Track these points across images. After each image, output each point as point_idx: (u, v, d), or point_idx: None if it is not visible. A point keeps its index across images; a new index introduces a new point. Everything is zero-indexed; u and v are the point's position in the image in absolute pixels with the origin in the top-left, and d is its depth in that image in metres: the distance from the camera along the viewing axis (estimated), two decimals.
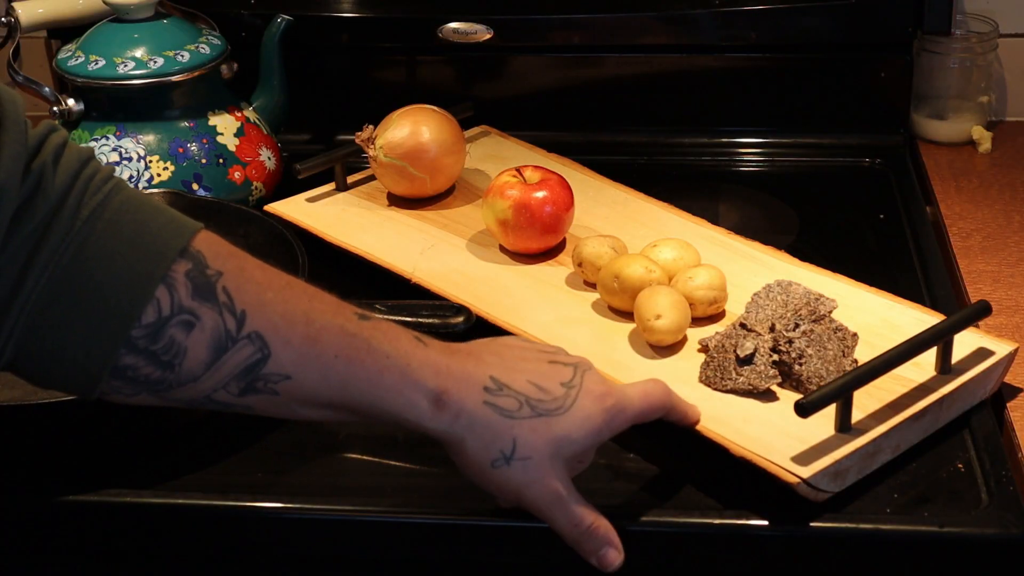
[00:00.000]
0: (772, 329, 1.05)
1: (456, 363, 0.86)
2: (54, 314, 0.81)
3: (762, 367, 1.02)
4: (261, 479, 1.01)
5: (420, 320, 1.05)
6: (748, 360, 1.02)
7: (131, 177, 1.31)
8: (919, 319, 1.10)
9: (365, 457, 1.05)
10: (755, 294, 1.11)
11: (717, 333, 1.07)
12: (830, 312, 1.07)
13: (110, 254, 0.81)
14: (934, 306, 1.16)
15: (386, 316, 1.06)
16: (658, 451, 1.02)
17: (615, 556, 0.89)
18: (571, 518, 0.88)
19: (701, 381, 1.04)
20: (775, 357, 1.03)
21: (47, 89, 1.34)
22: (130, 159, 1.31)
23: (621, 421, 0.90)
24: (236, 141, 1.34)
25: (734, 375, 1.02)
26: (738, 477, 0.97)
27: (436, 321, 1.05)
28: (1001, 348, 1.06)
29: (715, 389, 1.03)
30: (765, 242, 1.23)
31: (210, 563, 1.02)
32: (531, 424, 0.85)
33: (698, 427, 0.98)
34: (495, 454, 0.85)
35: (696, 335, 1.09)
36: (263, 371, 0.83)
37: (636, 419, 0.91)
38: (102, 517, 1.00)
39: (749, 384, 1.02)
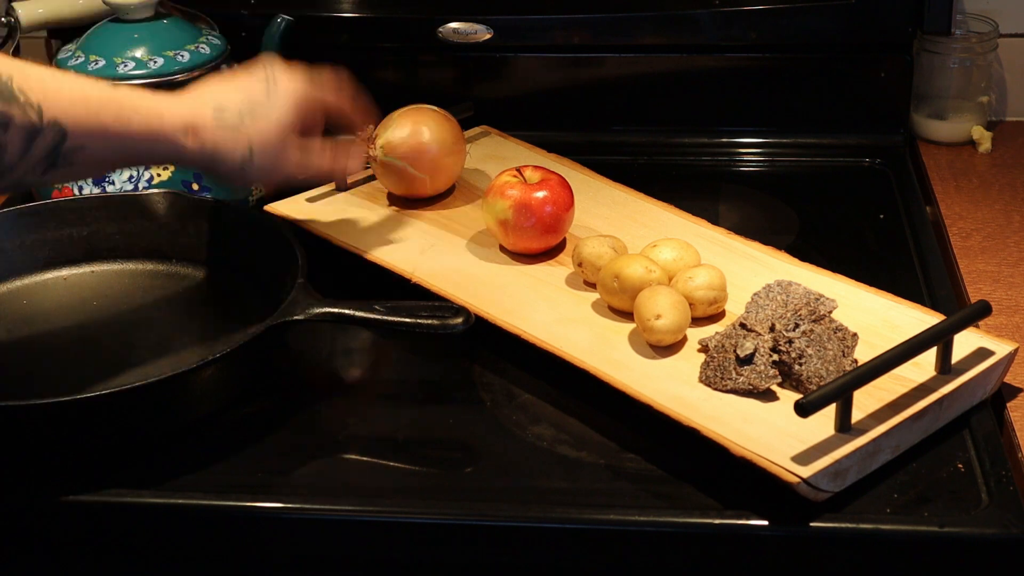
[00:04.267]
0: (772, 329, 1.05)
1: (188, 100, 1.08)
2: None
3: (762, 367, 1.02)
4: (261, 479, 1.01)
5: (419, 321, 1.05)
6: (748, 360, 1.02)
7: (131, 177, 1.31)
8: (919, 319, 1.10)
9: (365, 457, 1.05)
10: (755, 294, 1.11)
11: (717, 333, 1.07)
12: (830, 312, 1.07)
13: None
14: (934, 306, 1.16)
15: (385, 317, 1.06)
16: (658, 451, 1.02)
17: (353, 164, 1.19)
18: (315, 165, 1.15)
19: (701, 381, 1.04)
20: (775, 357, 1.03)
21: None
22: None
23: (316, 107, 1.14)
24: None
25: (734, 375, 1.02)
26: (738, 477, 0.97)
27: (435, 322, 1.05)
28: (1001, 348, 1.06)
29: (715, 389, 1.03)
30: (765, 242, 1.23)
31: (210, 563, 1.02)
32: (254, 126, 1.09)
33: (698, 427, 0.98)
34: (239, 158, 1.09)
35: (696, 335, 1.09)
36: (64, 148, 1.00)
37: (327, 109, 1.16)
38: (102, 517, 1.00)
39: (749, 384, 1.02)
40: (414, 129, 1.30)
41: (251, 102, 1.10)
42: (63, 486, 1.00)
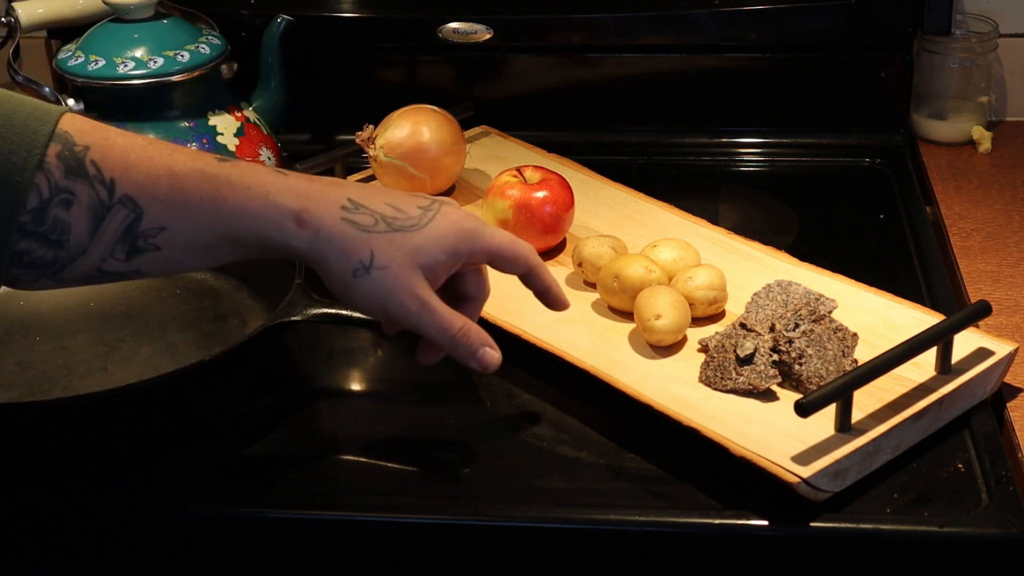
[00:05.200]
0: (772, 329, 1.05)
1: (315, 186, 0.92)
2: None
3: (762, 367, 1.02)
4: (261, 479, 1.01)
5: None
6: (748, 360, 1.02)
7: None
8: (919, 319, 1.10)
9: (365, 457, 1.05)
10: (755, 294, 1.11)
11: (717, 333, 1.07)
12: (830, 312, 1.07)
13: None
14: (934, 306, 1.16)
15: None
16: (658, 451, 1.01)
17: (493, 354, 0.95)
18: (440, 323, 0.93)
19: (701, 381, 1.04)
20: (775, 357, 1.03)
21: (47, 89, 1.34)
22: None
23: (477, 247, 0.95)
24: (236, 141, 1.34)
25: (734, 375, 1.02)
26: (738, 477, 0.97)
27: None
28: (1001, 348, 1.06)
29: (715, 389, 1.03)
30: (765, 242, 1.23)
31: (210, 563, 1.02)
32: (387, 237, 0.92)
33: (698, 427, 0.98)
34: (355, 264, 0.91)
35: (696, 335, 1.09)
36: (140, 229, 0.88)
37: (493, 252, 0.96)
38: (102, 517, 1.00)
39: (749, 384, 1.02)
40: (414, 129, 1.30)
41: (396, 213, 0.93)
42: (63, 486, 1.00)
